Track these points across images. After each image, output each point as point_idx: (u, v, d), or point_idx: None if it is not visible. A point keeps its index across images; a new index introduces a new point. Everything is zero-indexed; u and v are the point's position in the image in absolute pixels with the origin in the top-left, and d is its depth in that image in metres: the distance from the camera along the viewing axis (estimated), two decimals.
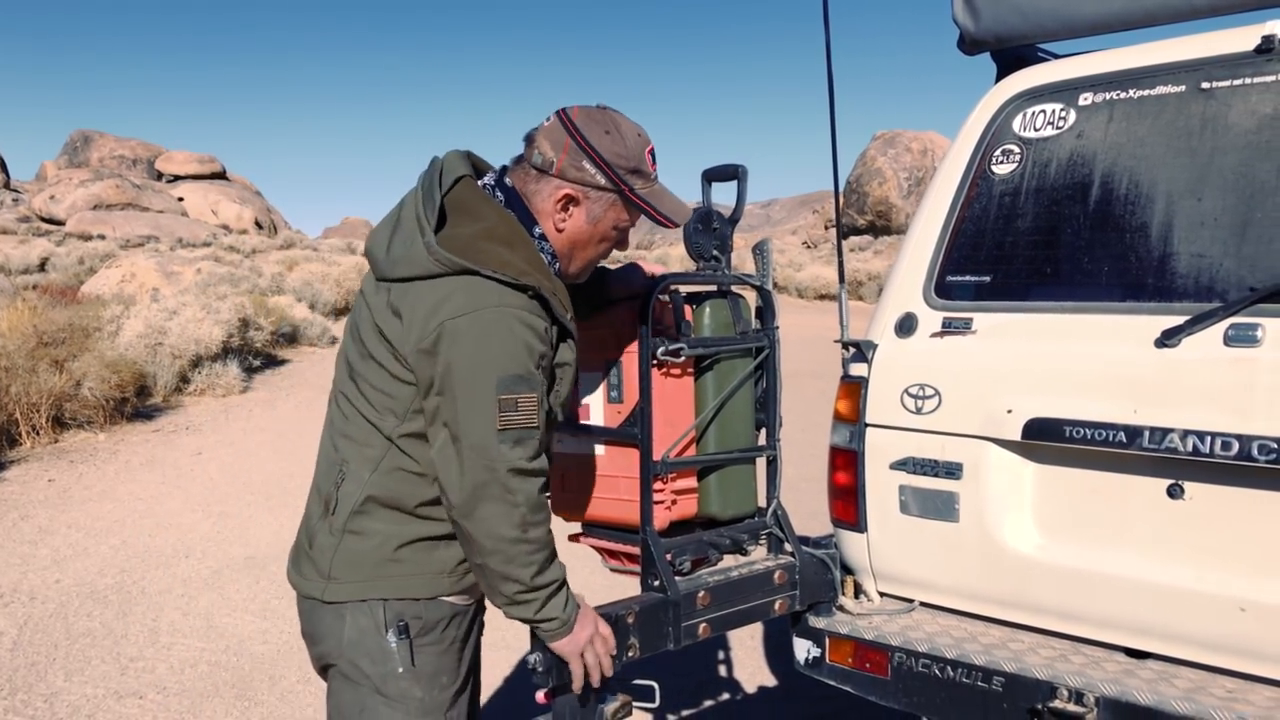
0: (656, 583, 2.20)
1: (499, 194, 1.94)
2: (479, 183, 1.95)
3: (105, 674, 4.20)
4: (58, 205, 43.32)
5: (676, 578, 2.22)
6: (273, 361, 13.00)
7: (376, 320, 1.87)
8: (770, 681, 4.13)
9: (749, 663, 4.29)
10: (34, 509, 6.75)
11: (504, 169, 1.99)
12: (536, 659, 1.97)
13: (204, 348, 10.89)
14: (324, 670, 2.01)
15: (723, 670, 4.24)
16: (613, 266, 2.33)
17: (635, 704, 2.18)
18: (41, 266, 25.36)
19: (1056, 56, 2.66)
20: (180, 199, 47.77)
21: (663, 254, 32.98)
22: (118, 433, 9.03)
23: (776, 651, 4.36)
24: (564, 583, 1.90)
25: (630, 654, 2.12)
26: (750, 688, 4.08)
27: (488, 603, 2.02)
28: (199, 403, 10.52)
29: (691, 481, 2.31)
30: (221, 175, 52.85)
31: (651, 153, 1.95)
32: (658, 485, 2.20)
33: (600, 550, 2.42)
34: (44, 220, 42.50)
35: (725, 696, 4.02)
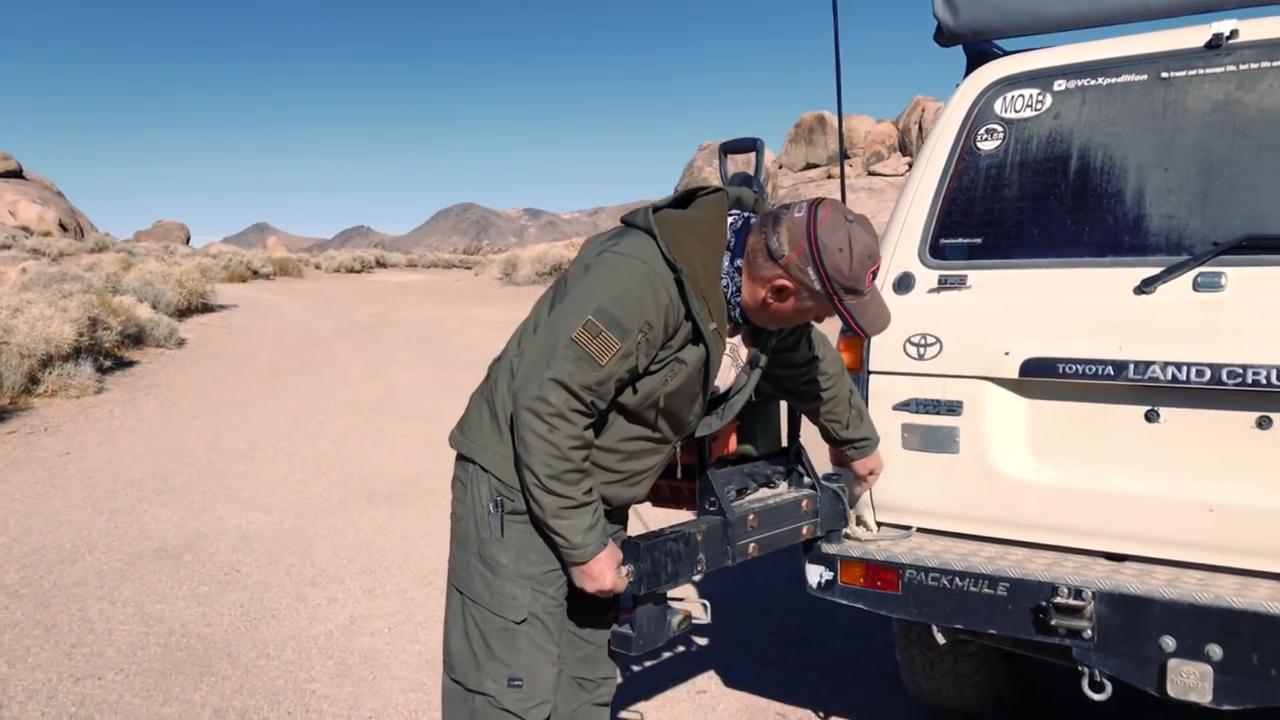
0: (714, 508, 2.44)
1: (738, 223, 2.20)
2: (735, 210, 2.23)
3: (50, 659, 4.08)
4: None
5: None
6: (122, 363, 12.42)
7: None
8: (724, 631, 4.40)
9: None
10: None
11: (755, 219, 2.21)
12: (629, 569, 2.18)
13: (54, 347, 10.34)
14: None
15: None
16: None
17: (692, 620, 2.42)
18: None
19: (1008, 53, 3.03)
20: None
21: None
22: None
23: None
24: (583, 507, 2.09)
25: (699, 568, 2.35)
26: (702, 640, 4.34)
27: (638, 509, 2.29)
28: (50, 404, 9.98)
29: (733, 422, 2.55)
30: (18, 174, 49.30)
31: (875, 272, 2.11)
32: None
33: None
34: None
35: (680, 649, 4.27)
